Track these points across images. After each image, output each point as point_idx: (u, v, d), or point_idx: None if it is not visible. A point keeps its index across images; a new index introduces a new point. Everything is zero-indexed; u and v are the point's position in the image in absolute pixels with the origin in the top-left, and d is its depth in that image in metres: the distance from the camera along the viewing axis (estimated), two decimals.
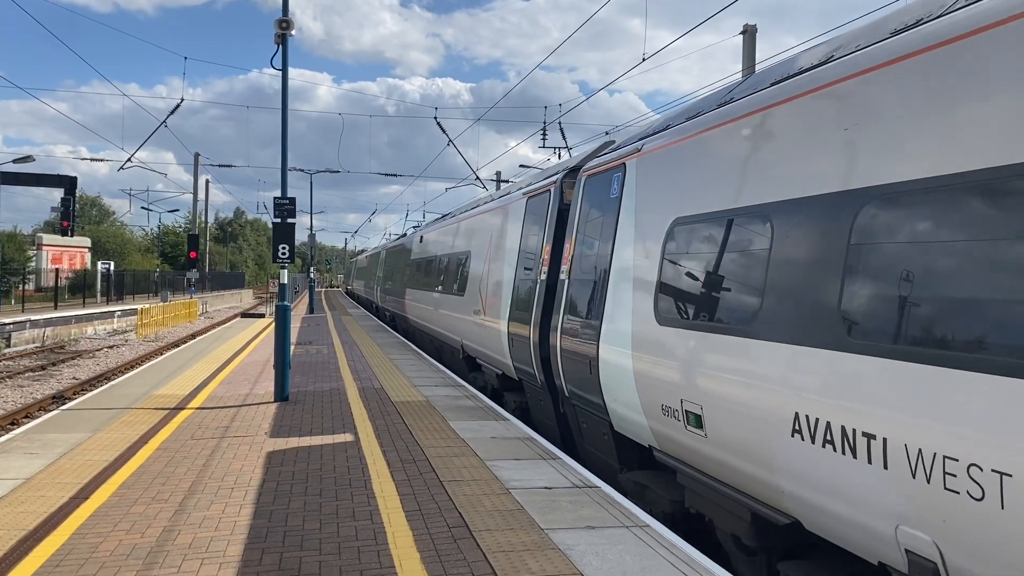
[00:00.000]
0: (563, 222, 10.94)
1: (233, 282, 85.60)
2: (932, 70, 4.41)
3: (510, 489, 7.36)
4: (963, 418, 3.89)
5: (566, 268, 10.21)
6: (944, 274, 4.19)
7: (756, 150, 6.11)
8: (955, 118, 4.22)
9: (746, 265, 5.95)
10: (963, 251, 4.08)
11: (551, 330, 10.33)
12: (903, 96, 4.60)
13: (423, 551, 5.71)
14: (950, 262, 4.17)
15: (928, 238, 4.34)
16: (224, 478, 7.71)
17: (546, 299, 10.90)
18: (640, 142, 8.65)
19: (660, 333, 7.13)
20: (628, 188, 8.58)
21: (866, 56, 5.03)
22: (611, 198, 9.07)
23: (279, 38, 12.20)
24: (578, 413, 9.70)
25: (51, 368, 23.69)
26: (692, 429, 6.46)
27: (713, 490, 6.34)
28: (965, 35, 4.23)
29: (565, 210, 11.03)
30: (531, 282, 11.71)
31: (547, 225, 11.51)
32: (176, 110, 33.57)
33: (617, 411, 8.18)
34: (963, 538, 3.89)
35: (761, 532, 5.83)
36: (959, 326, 4.05)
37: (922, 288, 4.29)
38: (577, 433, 10.08)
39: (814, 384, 4.95)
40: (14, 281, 44.54)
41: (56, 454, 8.59)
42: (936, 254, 4.27)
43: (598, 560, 5.53)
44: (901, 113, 4.61)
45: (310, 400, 12.40)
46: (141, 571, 5.30)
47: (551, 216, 11.42)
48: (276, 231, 12.46)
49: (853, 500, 4.62)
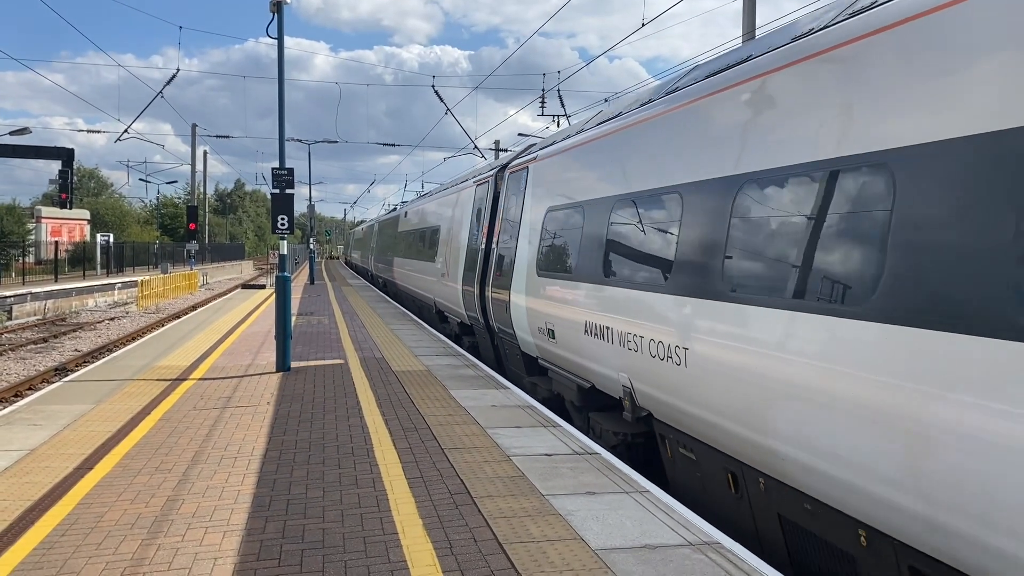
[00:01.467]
0: (497, 205, 14.45)
1: (233, 253, 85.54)
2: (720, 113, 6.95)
3: (511, 456, 7.42)
4: (665, 318, 7.16)
5: (495, 240, 14.00)
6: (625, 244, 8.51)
7: (586, 167, 10.19)
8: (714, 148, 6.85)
9: (576, 238, 9.70)
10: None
11: (486, 285, 14.13)
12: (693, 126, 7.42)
13: (425, 518, 5.77)
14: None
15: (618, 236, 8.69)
16: (227, 448, 7.77)
17: (485, 263, 14.48)
18: (538, 151, 12.43)
19: (538, 281, 11.03)
20: (528, 185, 12.32)
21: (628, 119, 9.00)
22: (520, 191, 12.73)
23: (275, 6, 12.09)
24: (503, 343, 13.59)
25: (53, 340, 23.76)
26: (551, 340, 10.48)
27: (561, 375, 10.29)
28: (764, 74, 6.25)
29: (499, 197, 14.48)
30: (476, 250, 15.26)
31: (486, 208, 15.02)
32: (172, 80, 33.31)
33: (521, 336, 12.09)
34: (643, 377, 7.65)
35: (580, 395, 9.59)
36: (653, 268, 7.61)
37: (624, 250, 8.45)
38: (504, 357, 13.90)
39: (590, 303, 8.97)
40: (14, 254, 44.49)
41: (60, 425, 8.65)
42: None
43: (598, 525, 5.59)
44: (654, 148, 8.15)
45: (312, 370, 12.45)
46: (146, 540, 5.36)
47: (489, 201, 14.94)
48: (275, 202, 12.44)
49: (607, 364, 8.52)
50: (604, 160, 9.44)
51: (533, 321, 11.18)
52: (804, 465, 5.26)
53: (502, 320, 12.99)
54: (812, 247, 5.25)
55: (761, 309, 5.68)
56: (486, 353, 15.28)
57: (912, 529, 4.37)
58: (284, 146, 12.51)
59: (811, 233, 5.28)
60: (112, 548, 5.21)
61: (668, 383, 7.10)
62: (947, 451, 4.06)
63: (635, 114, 8.75)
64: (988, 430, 3.84)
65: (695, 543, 5.28)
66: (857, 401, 4.69)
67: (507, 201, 13.68)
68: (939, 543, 4.19)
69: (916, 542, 4.38)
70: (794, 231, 5.48)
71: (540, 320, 10.86)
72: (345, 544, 5.29)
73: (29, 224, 56.37)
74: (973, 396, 3.94)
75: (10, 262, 41.68)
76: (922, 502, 4.22)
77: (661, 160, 7.79)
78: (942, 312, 4.16)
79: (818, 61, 5.53)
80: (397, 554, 5.11)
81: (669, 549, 5.18)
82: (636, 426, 8.22)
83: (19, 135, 37.36)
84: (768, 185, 5.92)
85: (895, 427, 4.39)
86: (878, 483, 4.55)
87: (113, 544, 5.27)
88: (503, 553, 5.11)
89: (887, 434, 4.45)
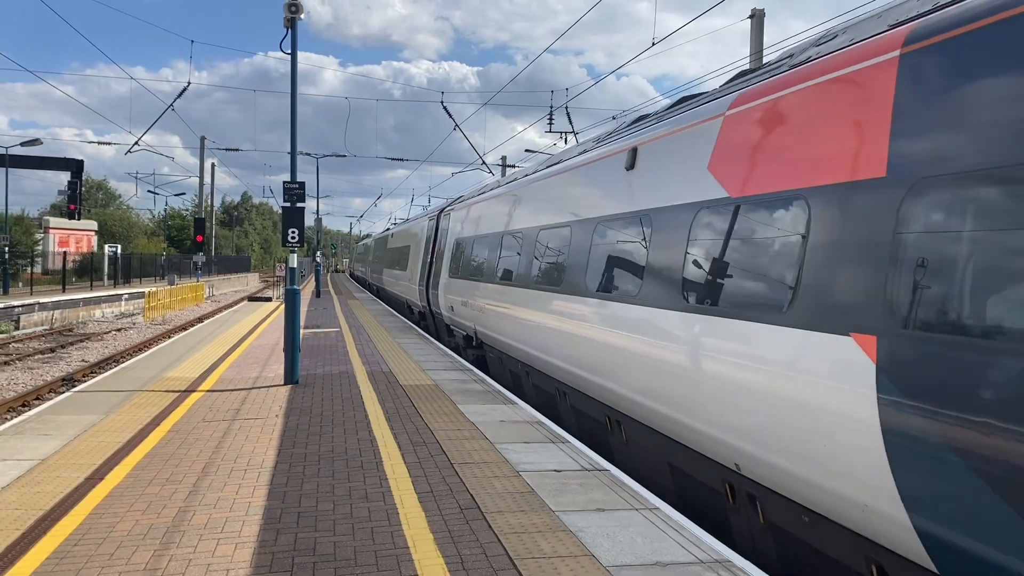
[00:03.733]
0: (438, 236, 22.80)
1: (239, 266, 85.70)
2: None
3: (520, 472, 7.43)
4: (490, 298, 14.87)
5: (434, 257, 22.79)
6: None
7: (469, 217, 18.60)
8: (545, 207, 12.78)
9: (464, 256, 17.58)
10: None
11: (430, 285, 22.47)
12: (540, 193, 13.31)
13: (436, 532, 5.78)
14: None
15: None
16: (237, 460, 7.79)
17: (429, 271, 23.09)
18: (455, 203, 22.00)
19: (449, 281, 19.17)
20: (449, 224, 21.23)
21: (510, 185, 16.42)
22: (445, 227, 21.73)
23: (288, 22, 12.19)
24: (437, 319, 21.77)
25: (60, 351, 23.82)
26: (452, 312, 18.59)
27: (457, 332, 18.47)
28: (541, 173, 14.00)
29: (437, 229, 23.42)
30: (427, 263, 23.91)
31: (431, 236, 23.75)
32: (183, 94, 33.52)
33: (443, 312, 20.16)
34: (480, 325, 15.81)
35: (464, 340, 17.41)
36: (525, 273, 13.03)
37: (542, 260, 12.28)
38: (444, 332, 21.01)
39: (467, 290, 16.86)
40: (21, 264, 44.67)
41: (70, 435, 8.68)
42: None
43: (609, 542, 5.60)
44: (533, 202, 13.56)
45: (320, 383, 12.48)
46: (158, 550, 5.38)
47: (432, 232, 23.84)
48: (286, 215, 12.50)
49: (471, 320, 16.49)
50: (475, 215, 18.10)
51: (445, 303, 19.87)
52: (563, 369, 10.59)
53: (435, 304, 21.62)
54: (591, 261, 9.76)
55: (518, 289, 12.75)
56: (434, 330, 22.97)
57: (680, 432, 7.19)
58: (296, 159, 12.59)
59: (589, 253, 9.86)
60: (125, 558, 5.23)
61: (485, 327, 15.33)
62: (706, 386, 6.59)
63: (492, 192, 17.63)
64: (722, 372, 6.37)
65: (706, 561, 5.28)
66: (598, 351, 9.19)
67: (440, 233, 22.61)
68: (704, 444, 6.76)
69: (686, 440, 7.12)
70: (561, 253, 10.98)
71: (449, 302, 19.36)
72: (357, 557, 5.30)
73: (37, 234, 56.60)
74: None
75: (18, 272, 41.84)
76: (693, 420, 6.86)
77: (498, 219, 15.42)
78: (658, 297, 7.64)
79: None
80: (408, 568, 5.12)
81: (680, 567, 5.18)
82: (479, 350, 16.51)
83: (30, 146, 37.59)
84: (548, 232, 11.77)
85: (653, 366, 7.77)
86: (667, 407, 7.35)
87: (126, 554, 5.30)
88: (515, 569, 5.11)
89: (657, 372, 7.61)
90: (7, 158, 42.66)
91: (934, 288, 4.35)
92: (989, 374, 3.96)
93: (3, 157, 42.21)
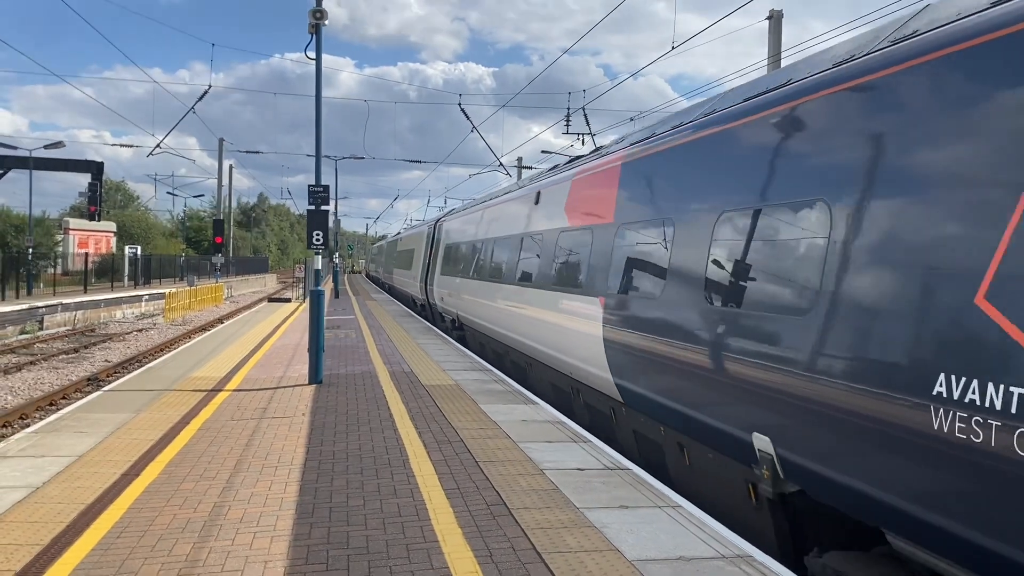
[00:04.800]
0: (435, 242, 27.75)
1: (257, 267, 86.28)
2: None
3: (544, 470, 7.59)
4: (461, 289, 21.07)
5: (431, 258, 27.98)
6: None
7: (453, 229, 25.01)
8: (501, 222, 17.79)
9: (451, 258, 23.77)
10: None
11: (428, 282, 27.65)
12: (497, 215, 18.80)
13: (464, 527, 5.95)
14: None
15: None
16: (267, 457, 7.99)
17: (427, 271, 28.31)
18: (446, 215, 29.35)
19: (441, 278, 25.07)
20: (441, 232, 27.22)
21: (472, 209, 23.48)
22: (438, 235, 27.76)
23: (313, 28, 12.40)
24: (434, 311, 27.00)
25: (83, 351, 24.17)
26: (443, 302, 24.56)
27: (446, 316, 24.17)
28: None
29: (433, 236, 28.92)
30: (426, 264, 29.17)
31: (430, 242, 29.09)
32: (204, 97, 33.88)
33: (436, 303, 26.08)
34: (460, 310, 21.77)
35: (451, 323, 23.26)
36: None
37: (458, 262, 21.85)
38: (438, 319, 26.03)
39: (452, 284, 22.68)
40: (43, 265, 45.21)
41: (104, 433, 8.91)
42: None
43: (633, 537, 5.75)
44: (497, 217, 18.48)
45: (343, 383, 12.68)
46: (198, 543, 5.58)
47: (430, 238, 29.24)
48: (311, 218, 12.71)
49: (454, 307, 22.41)
50: (456, 226, 24.11)
51: (437, 295, 25.68)
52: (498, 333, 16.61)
53: (432, 297, 27.16)
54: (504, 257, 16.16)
55: (476, 282, 18.77)
56: (432, 317, 28.01)
57: (550, 360, 12.38)
58: (320, 162, 12.80)
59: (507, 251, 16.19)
60: (166, 550, 5.43)
61: (462, 311, 20.63)
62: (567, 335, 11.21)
63: (468, 209, 23.96)
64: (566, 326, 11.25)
65: (728, 556, 5.43)
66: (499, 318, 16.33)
67: (436, 239, 27.94)
68: (560, 366, 11.87)
69: (553, 364, 12.30)
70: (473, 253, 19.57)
71: (439, 294, 25.20)
72: (388, 551, 5.48)
73: (57, 236, 57.22)
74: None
75: (40, 273, 42.38)
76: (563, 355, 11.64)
77: (469, 231, 21.34)
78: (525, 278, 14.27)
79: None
80: (439, 561, 5.30)
81: (703, 561, 5.33)
82: (460, 331, 21.84)
83: (53, 148, 38.09)
84: (495, 242, 17.49)
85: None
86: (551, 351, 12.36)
87: (167, 546, 5.50)
88: (542, 562, 5.28)
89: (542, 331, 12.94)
90: (31, 160, 43.23)
91: (622, 278, 9.38)
92: (631, 312, 8.99)
93: (27, 160, 42.76)
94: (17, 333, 27.65)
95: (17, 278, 35.71)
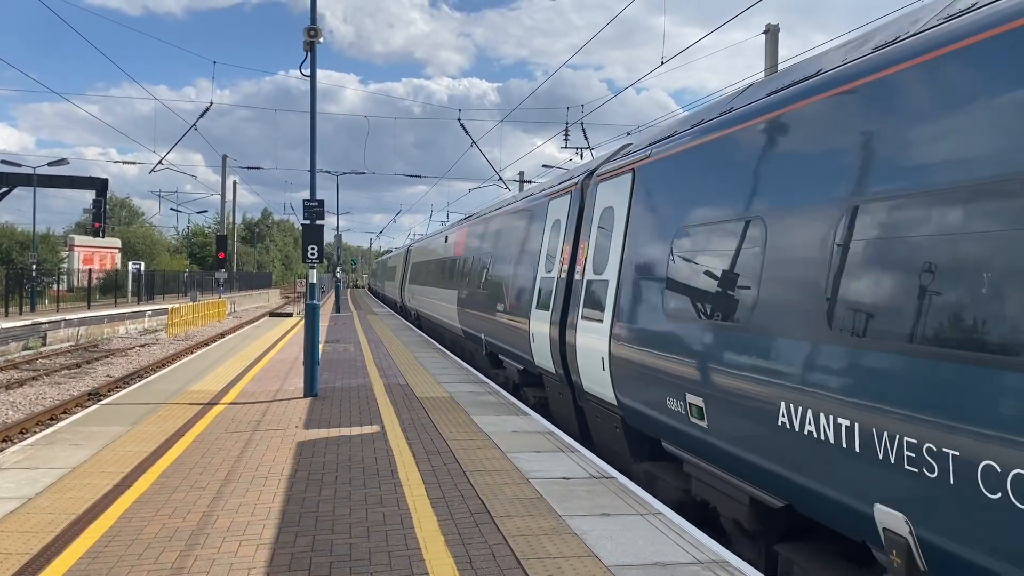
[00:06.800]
0: (407, 261, 40.58)
1: (260, 282, 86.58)
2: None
3: (530, 479, 7.69)
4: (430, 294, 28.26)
5: (407, 273, 39.09)
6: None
7: (417, 252, 37.28)
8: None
9: (417, 273, 34.02)
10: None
11: (403, 290, 40.43)
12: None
13: (447, 534, 6.06)
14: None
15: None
16: (258, 468, 8.10)
17: (403, 281, 40.53)
18: (414, 241, 45.80)
19: (410, 285, 36.13)
20: (411, 254, 39.64)
21: (449, 232, 29.52)
22: (410, 255, 40.03)
23: (307, 46, 12.60)
24: (405, 311, 39.43)
25: (86, 366, 24.33)
26: (409, 301, 36.46)
27: (419, 312, 32.16)
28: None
29: (406, 255, 42.40)
30: (402, 276, 41.52)
31: (406, 260, 41.33)
32: (205, 113, 34.18)
33: (408, 304, 37.51)
34: (422, 308, 31.81)
35: (416, 318, 34.05)
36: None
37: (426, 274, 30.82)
38: (410, 314, 36.24)
39: (416, 291, 32.82)
40: (47, 281, 45.50)
41: (99, 445, 9.04)
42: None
43: (612, 544, 5.85)
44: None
45: (338, 396, 12.80)
46: (184, 551, 5.69)
47: (405, 256, 42.47)
48: (306, 232, 12.87)
49: (422, 306, 30.45)
50: (417, 248, 36.93)
51: (407, 296, 36.75)
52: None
53: (405, 299, 37.98)
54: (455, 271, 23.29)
55: (423, 287, 29.95)
56: (404, 314, 38.24)
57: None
58: (316, 178, 12.97)
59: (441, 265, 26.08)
60: (153, 558, 5.54)
61: (419, 307, 31.39)
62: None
63: (425, 238, 38.74)
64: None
65: (704, 561, 5.53)
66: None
67: (408, 259, 39.15)
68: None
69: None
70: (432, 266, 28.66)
71: (407, 296, 36.69)
72: (371, 558, 5.59)
73: (62, 252, 57.56)
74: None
75: (44, 289, 42.64)
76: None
77: (422, 254, 33.39)
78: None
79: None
80: (420, 568, 5.40)
81: (679, 567, 5.43)
82: (418, 321, 32.71)
83: (57, 165, 38.40)
84: (434, 260, 28.63)
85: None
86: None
87: (154, 555, 5.61)
88: (520, 568, 5.38)
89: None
90: (35, 178, 43.56)
91: (470, 279, 19.56)
92: (470, 297, 18.43)
93: (32, 177, 43.09)
94: (20, 349, 27.84)
95: (21, 294, 35.94)
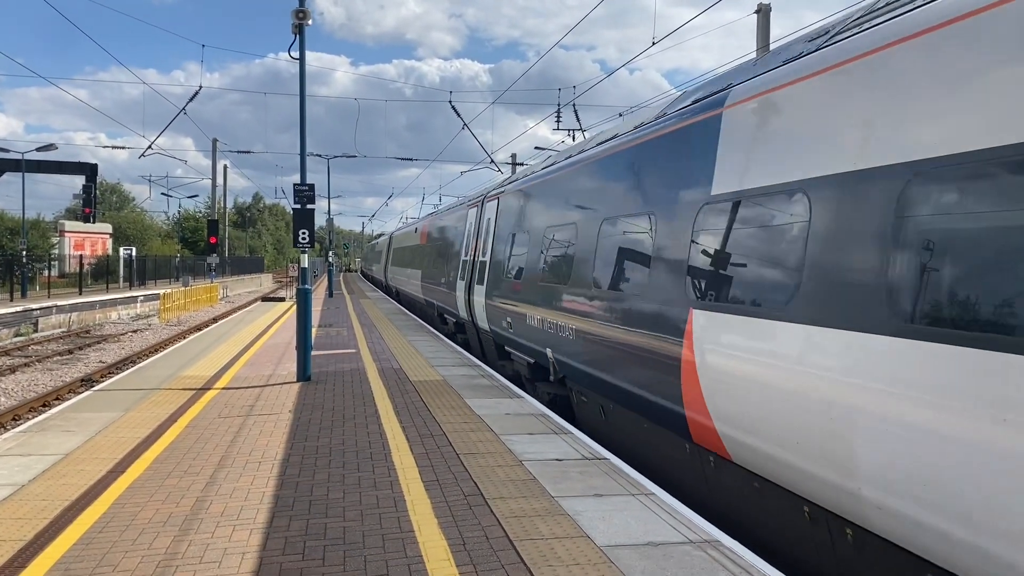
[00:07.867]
0: (390, 248, 50.15)
1: (253, 267, 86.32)
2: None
3: (523, 461, 7.72)
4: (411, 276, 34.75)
5: (390, 259, 47.80)
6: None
7: (398, 235, 47.41)
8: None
9: (395, 255, 43.76)
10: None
11: (387, 270, 49.48)
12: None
13: (440, 517, 6.08)
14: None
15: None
16: (251, 453, 8.11)
17: (386, 266, 50.26)
18: (395, 231, 55.79)
19: (392, 267, 44.78)
20: (392, 243, 48.88)
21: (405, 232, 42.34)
22: (390, 245, 50.43)
23: (296, 28, 12.51)
24: (389, 286, 47.15)
25: (78, 352, 24.29)
26: (391, 280, 44.71)
27: (393, 287, 43.58)
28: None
29: (389, 245, 51.86)
30: (386, 262, 50.62)
31: (388, 246, 51.58)
32: (195, 97, 33.96)
33: (390, 282, 46.08)
34: (400, 286, 40.07)
35: (397, 295, 41.31)
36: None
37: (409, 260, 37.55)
38: (391, 292, 44.89)
39: (393, 272, 43.20)
40: (38, 267, 45.28)
41: (91, 431, 9.03)
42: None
43: (604, 524, 5.88)
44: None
45: (331, 380, 12.81)
46: (178, 536, 5.70)
47: (388, 243, 53.15)
48: (296, 217, 12.83)
49: (398, 283, 39.87)
50: (398, 235, 45.72)
51: (390, 276, 45.50)
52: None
53: (388, 279, 47.05)
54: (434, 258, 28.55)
55: (401, 268, 38.23)
56: (388, 292, 46.83)
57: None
58: (306, 162, 12.91)
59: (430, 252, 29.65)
60: (147, 543, 5.55)
61: (398, 285, 39.70)
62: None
63: (403, 228, 48.81)
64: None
65: (696, 541, 5.56)
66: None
67: (390, 245, 48.71)
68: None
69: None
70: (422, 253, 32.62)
71: (390, 276, 44.92)
72: (364, 540, 5.61)
73: (53, 238, 57.28)
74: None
75: (35, 276, 42.45)
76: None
77: (400, 240, 42.89)
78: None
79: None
80: (413, 549, 5.43)
81: (671, 546, 5.47)
82: (397, 297, 40.50)
83: (46, 151, 38.13)
84: (411, 248, 35.68)
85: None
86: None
87: (147, 540, 5.62)
88: (513, 549, 5.41)
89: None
90: (24, 163, 43.26)
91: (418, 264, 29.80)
92: (399, 275, 39.22)
93: (20, 163, 42.79)
94: (12, 336, 27.75)
95: (11, 281, 35.78)
